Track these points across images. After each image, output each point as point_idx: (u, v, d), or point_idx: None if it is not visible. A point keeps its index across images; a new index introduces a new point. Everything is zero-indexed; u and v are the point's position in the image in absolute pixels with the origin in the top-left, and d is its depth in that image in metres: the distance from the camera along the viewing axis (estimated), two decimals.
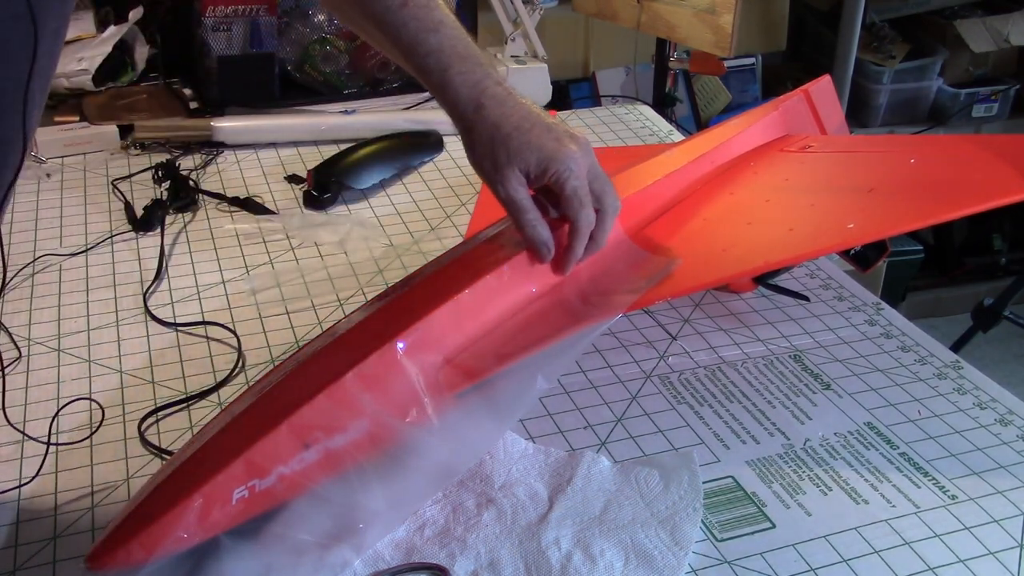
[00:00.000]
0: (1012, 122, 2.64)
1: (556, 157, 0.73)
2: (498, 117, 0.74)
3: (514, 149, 0.73)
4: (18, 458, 0.77)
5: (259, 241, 1.11)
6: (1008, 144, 0.94)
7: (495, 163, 0.74)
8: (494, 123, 0.73)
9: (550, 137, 0.74)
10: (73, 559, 0.68)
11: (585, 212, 0.75)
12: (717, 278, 0.88)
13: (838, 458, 0.78)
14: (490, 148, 0.74)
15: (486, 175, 0.75)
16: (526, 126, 0.73)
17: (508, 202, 0.75)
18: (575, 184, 0.74)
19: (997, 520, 0.71)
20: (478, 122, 0.74)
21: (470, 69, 0.75)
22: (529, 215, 0.75)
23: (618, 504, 0.71)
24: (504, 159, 0.73)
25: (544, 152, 0.73)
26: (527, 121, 0.74)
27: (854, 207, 0.89)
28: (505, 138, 0.73)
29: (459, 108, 0.75)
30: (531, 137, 0.73)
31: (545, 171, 0.73)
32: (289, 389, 0.65)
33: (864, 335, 0.94)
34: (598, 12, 2.02)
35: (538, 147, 0.73)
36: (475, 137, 0.75)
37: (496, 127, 0.73)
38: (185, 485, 0.59)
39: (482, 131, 0.74)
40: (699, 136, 1.11)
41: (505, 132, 0.73)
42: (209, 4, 1.42)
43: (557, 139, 0.74)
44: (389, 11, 0.74)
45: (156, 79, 1.52)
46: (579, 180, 0.74)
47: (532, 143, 0.73)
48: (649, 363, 0.90)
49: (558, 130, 0.75)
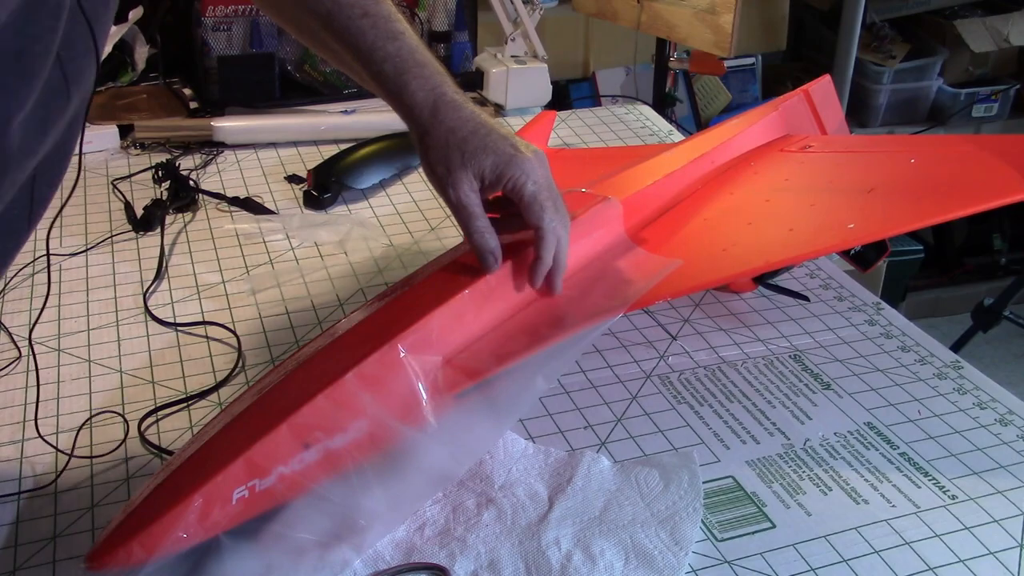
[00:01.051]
0: (1012, 122, 2.64)
1: (512, 162, 0.72)
2: (454, 121, 0.72)
3: (469, 152, 0.72)
4: (18, 457, 0.77)
5: (259, 241, 1.11)
6: (1008, 144, 0.94)
7: (448, 166, 0.72)
8: (450, 127, 0.72)
9: (506, 143, 0.72)
10: (73, 559, 0.68)
11: (548, 216, 0.73)
12: (717, 278, 0.88)
13: (838, 458, 0.78)
14: (444, 152, 0.72)
15: (438, 179, 0.74)
16: (482, 132, 0.72)
17: (457, 207, 0.73)
18: (533, 189, 0.72)
19: (997, 520, 0.71)
20: (434, 126, 0.73)
21: (427, 75, 0.74)
22: (478, 222, 0.73)
23: (618, 504, 0.71)
24: (458, 162, 0.72)
25: (500, 157, 0.72)
26: (483, 128, 0.73)
27: (854, 207, 0.89)
28: (460, 141, 0.72)
29: (415, 112, 0.74)
30: (487, 142, 0.72)
31: (500, 176, 0.72)
32: (289, 389, 0.65)
33: (864, 335, 0.94)
34: (598, 12, 2.02)
35: (494, 151, 0.72)
36: (430, 141, 0.73)
37: (451, 131, 0.72)
38: (185, 485, 0.59)
39: (437, 135, 0.73)
40: (699, 136, 1.11)
41: (461, 136, 0.72)
42: (209, 4, 1.42)
43: (513, 146, 0.72)
44: (351, 20, 0.74)
45: (156, 79, 1.52)
46: (537, 185, 0.72)
47: (488, 147, 0.72)
48: (649, 363, 0.90)
49: (514, 139, 0.73)
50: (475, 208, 0.73)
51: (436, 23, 1.61)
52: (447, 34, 1.62)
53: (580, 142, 1.41)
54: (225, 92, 1.46)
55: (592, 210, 0.86)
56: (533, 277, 0.75)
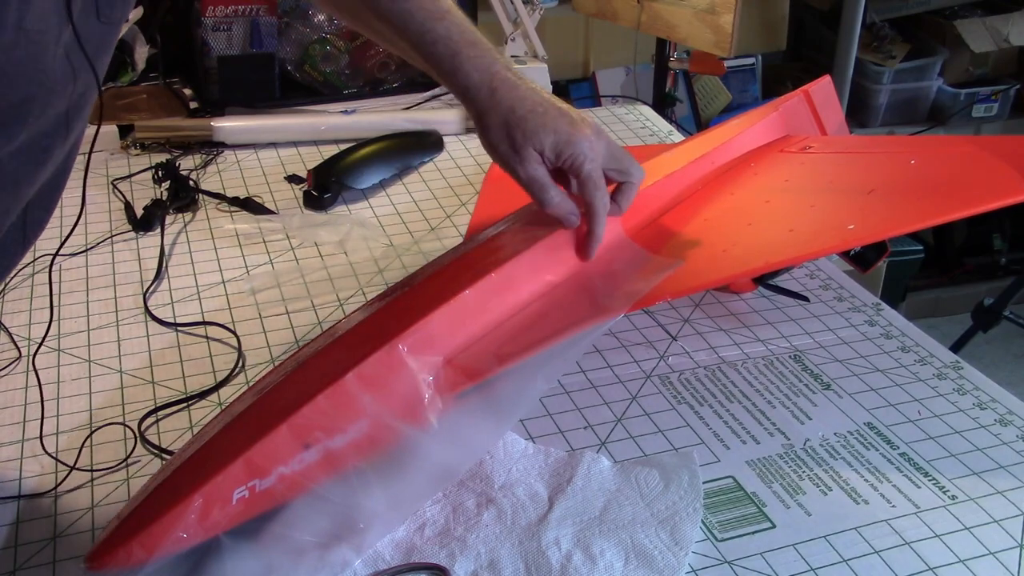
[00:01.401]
0: (1012, 122, 2.64)
1: (571, 140, 0.74)
2: (512, 100, 0.75)
3: (530, 131, 0.74)
4: (18, 458, 0.77)
5: (259, 241, 1.11)
6: (1008, 144, 0.94)
7: (513, 144, 0.75)
8: (509, 106, 0.75)
9: (564, 121, 0.75)
10: (73, 559, 0.68)
11: (600, 194, 0.76)
12: (717, 278, 0.88)
13: (838, 458, 0.78)
14: (505, 131, 0.75)
15: (502, 157, 0.76)
16: (540, 109, 0.75)
17: (529, 181, 0.76)
18: (590, 168, 0.75)
19: (997, 520, 0.71)
20: (492, 106, 0.75)
21: (480, 54, 0.76)
22: (551, 192, 0.76)
23: (618, 504, 0.71)
24: (521, 140, 0.74)
25: (560, 135, 0.74)
26: (541, 105, 0.75)
27: (854, 208, 0.89)
28: (520, 120, 0.74)
29: (471, 92, 0.76)
30: (547, 120, 0.74)
31: (560, 154, 0.75)
32: (289, 389, 0.65)
33: (864, 335, 0.94)
34: (598, 12, 2.02)
35: (553, 129, 0.74)
36: (489, 121, 0.76)
37: (511, 110, 0.74)
38: (185, 485, 0.59)
39: (496, 114, 0.75)
40: (699, 136, 1.11)
41: (520, 115, 0.74)
42: (209, 4, 1.42)
43: (571, 123, 0.75)
44: (395, 3, 0.75)
45: (156, 79, 1.52)
46: (593, 163, 0.75)
47: (548, 125, 0.74)
48: (649, 363, 0.90)
49: (571, 114, 0.76)
50: (546, 180, 0.76)
51: None
52: None
53: None
54: (225, 92, 1.46)
55: None
56: (587, 250, 0.80)
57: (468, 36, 0.76)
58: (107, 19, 0.64)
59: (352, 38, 1.53)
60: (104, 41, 0.65)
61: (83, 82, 0.63)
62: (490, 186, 1.12)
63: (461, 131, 1.42)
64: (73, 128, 0.66)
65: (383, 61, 1.55)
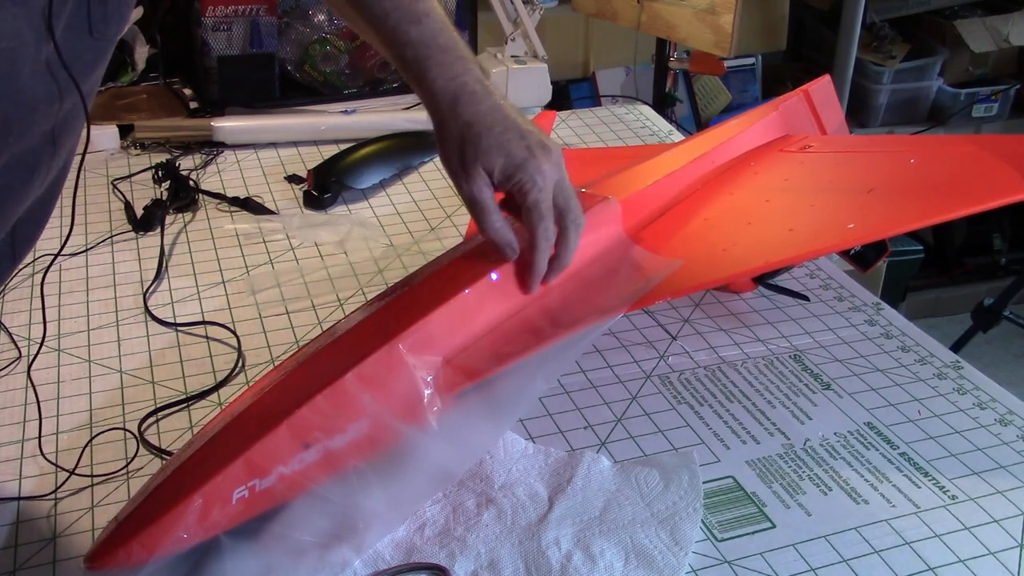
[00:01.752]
0: (1012, 122, 2.64)
1: (522, 165, 0.71)
2: (472, 115, 0.72)
3: (482, 149, 0.71)
4: (18, 457, 0.77)
5: (259, 241, 1.11)
6: (1008, 144, 0.94)
7: (463, 160, 0.72)
8: (467, 120, 0.72)
9: (521, 144, 0.71)
10: (73, 559, 0.68)
11: (545, 225, 0.73)
12: (717, 278, 0.88)
13: (838, 458, 0.78)
14: (459, 145, 0.72)
15: (452, 172, 0.74)
16: (499, 128, 0.71)
17: (471, 201, 0.73)
18: (537, 196, 0.72)
19: (997, 520, 0.71)
20: (451, 117, 0.72)
21: (450, 62, 0.73)
22: (492, 216, 0.73)
23: (618, 504, 0.71)
24: (471, 157, 0.72)
25: (512, 158, 0.71)
26: (500, 124, 0.72)
27: (854, 207, 0.89)
28: (475, 136, 0.71)
29: (434, 100, 0.73)
30: (502, 140, 0.71)
31: (510, 177, 0.72)
32: (289, 389, 0.65)
33: (864, 335, 0.94)
34: (598, 12, 2.02)
35: (507, 152, 0.71)
36: (446, 132, 0.73)
37: (468, 124, 0.72)
38: (185, 485, 0.59)
39: (454, 127, 0.72)
40: (699, 136, 1.11)
41: (476, 131, 0.71)
42: (209, 4, 1.42)
43: (528, 147, 0.72)
44: (375, 2, 0.73)
45: (156, 79, 1.52)
46: (542, 192, 0.72)
47: (502, 146, 0.71)
48: (649, 363, 0.90)
49: (531, 138, 0.72)
50: (488, 203, 0.73)
51: None
52: None
53: (580, 142, 1.41)
54: (225, 92, 1.46)
55: (591, 210, 0.86)
56: (528, 282, 0.75)
57: (442, 42, 0.73)
58: (100, 35, 0.63)
59: (352, 38, 1.53)
60: (96, 57, 0.64)
61: (70, 100, 0.62)
62: None
63: None
64: (62, 145, 0.65)
65: (383, 61, 1.55)
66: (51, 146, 0.63)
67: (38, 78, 0.58)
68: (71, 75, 0.60)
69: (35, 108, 0.59)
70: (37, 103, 0.59)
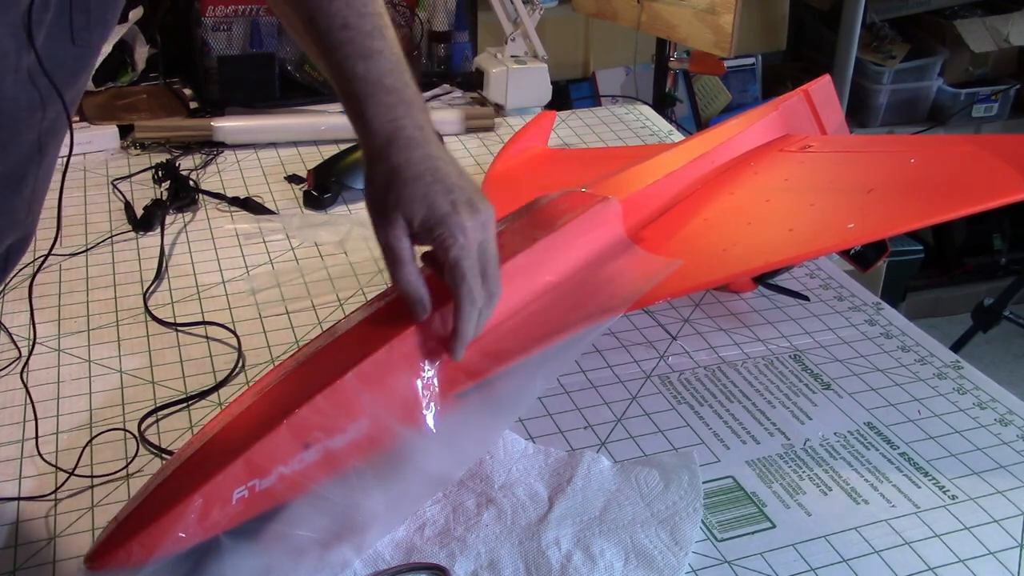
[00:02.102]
0: (1012, 122, 2.64)
1: (444, 220, 0.66)
2: (402, 161, 0.68)
3: (406, 196, 0.67)
4: (18, 457, 0.77)
5: (259, 241, 1.11)
6: (1008, 144, 0.94)
7: (384, 205, 0.68)
8: (395, 165, 0.68)
9: (447, 198, 0.67)
10: (73, 559, 0.68)
11: (468, 287, 0.67)
12: (717, 278, 0.88)
13: (838, 458, 0.78)
14: (383, 189, 0.68)
15: (372, 216, 0.69)
16: (428, 178, 0.67)
17: (386, 249, 0.68)
18: (458, 254, 0.66)
19: (997, 520, 0.71)
20: (381, 159, 0.69)
21: (391, 103, 0.69)
22: (404, 268, 0.68)
23: (618, 504, 0.71)
24: (393, 203, 0.68)
25: (434, 211, 0.66)
26: (430, 174, 0.68)
27: (854, 207, 0.89)
28: (401, 183, 0.67)
29: (368, 140, 0.69)
30: (428, 191, 0.67)
31: (430, 230, 0.67)
32: (289, 389, 0.65)
33: (864, 335, 0.94)
34: (598, 12, 2.02)
35: (430, 203, 0.67)
36: (374, 174, 0.69)
37: (396, 170, 0.68)
38: (185, 485, 0.59)
39: (381, 171, 0.68)
40: (699, 136, 1.11)
41: (403, 177, 0.67)
42: (209, 4, 1.42)
43: (453, 202, 0.67)
44: (329, 32, 0.70)
45: (156, 79, 1.52)
46: (463, 251, 0.66)
47: (426, 197, 0.67)
48: (649, 363, 0.90)
49: (459, 193, 0.68)
50: (403, 253, 0.68)
51: (436, 23, 1.61)
52: (447, 34, 1.62)
53: (580, 142, 1.41)
54: (225, 92, 1.46)
55: (591, 210, 0.86)
56: (451, 346, 0.69)
57: (388, 82, 0.70)
58: (83, 42, 0.62)
59: None
60: (79, 65, 0.63)
61: (54, 108, 0.62)
62: (490, 186, 1.12)
63: (461, 131, 1.42)
64: (47, 153, 0.64)
65: None
66: (38, 154, 0.63)
67: (20, 87, 0.58)
68: (53, 84, 0.59)
69: (18, 117, 0.59)
70: (19, 112, 0.59)
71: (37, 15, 0.57)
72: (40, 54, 0.58)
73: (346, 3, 0.69)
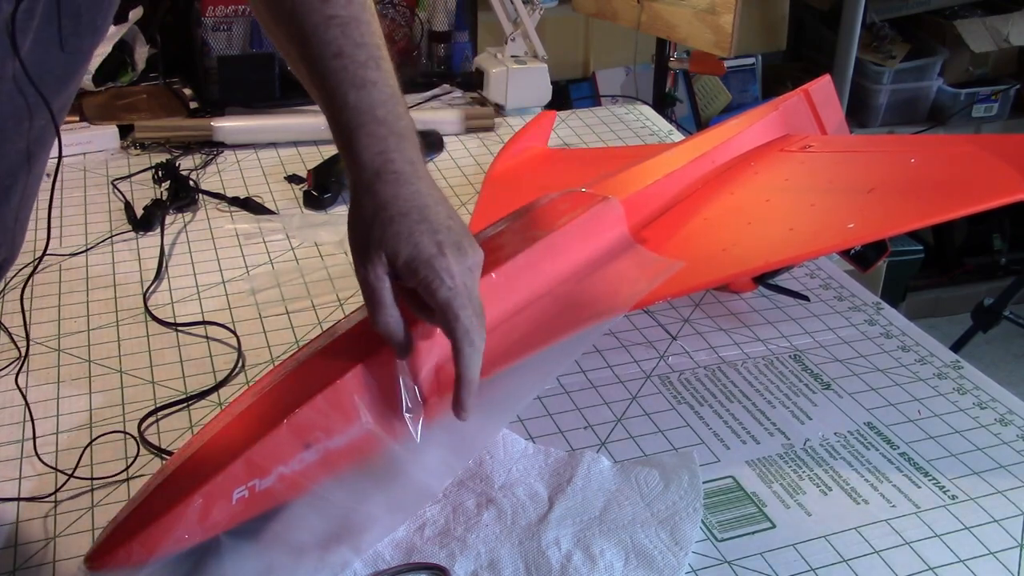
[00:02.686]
0: (1012, 122, 2.64)
1: (430, 262, 0.63)
2: (389, 196, 0.65)
3: (390, 236, 0.64)
4: (18, 457, 0.77)
5: (259, 241, 1.11)
6: (1008, 144, 0.94)
7: (367, 241, 0.65)
8: (382, 200, 0.65)
9: (432, 239, 0.64)
10: (73, 559, 0.68)
11: (462, 326, 0.63)
12: (717, 278, 0.88)
13: (838, 458, 0.78)
14: (368, 225, 0.65)
15: (355, 251, 0.66)
16: (414, 217, 0.64)
17: (365, 287, 0.65)
18: (447, 295, 0.63)
19: (997, 520, 0.71)
20: (367, 193, 0.65)
21: (382, 136, 0.66)
22: (386, 310, 0.65)
23: (618, 504, 0.71)
24: (377, 240, 0.64)
25: (419, 251, 0.63)
26: (417, 212, 0.64)
27: (854, 207, 0.89)
28: (386, 220, 0.64)
29: (355, 172, 0.66)
30: (413, 230, 0.64)
31: (414, 272, 0.63)
32: (289, 389, 0.65)
33: (864, 335, 0.94)
34: (598, 12, 2.02)
35: (414, 243, 0.63)
36: (359, 207, 0.66)
37: (382, 206, 0.64)
38: (185, 485, 0.59)
39: (368, 204, 0.65)
40: (699, 136, 1.11)
41: (388, 214, 0.64)
42: (209, 4, 1.42)
43: (439, 243, 0.64)
44: (322, 59, 0.67)
45: (156, 79, 1.52)
46: (452, 291, 0.63)
47: (411, 237, 0.63)
48: (649, 363, 0.90)
49: (446, 235, 0.64)
50: (383, 294, 0.65)
51: (436, 23, 1.61)
52: (447, 34, 1.62)
53: (580, 142, 1.41)
54: (225, 92, 1.46)
55: (592, 210, 0.86)
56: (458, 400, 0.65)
57: (380, 114, 0.67)
58: (73, 49, 0.61)
59: None
60: (69, 72, 0.62)
61: (42, 116, 0.61)
62: (490, 186, 1.12)
63: (461, 131, 1.42)
64: (36, 162, 0.64)
65: None
66: (26, 164, 0.62)
67: (5, 96, 0.57)
68: (39, 91, 0.59)
69: (4, 127, 0.59)
70: (5, 121, 0.59)
71: (21, 22, 0.56)
72: (26, 61, 0.57)
73: (342, 32, 0.67)
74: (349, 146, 0.67)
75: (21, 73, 0.57)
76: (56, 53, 0.60)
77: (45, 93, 0.60)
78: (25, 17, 0.56)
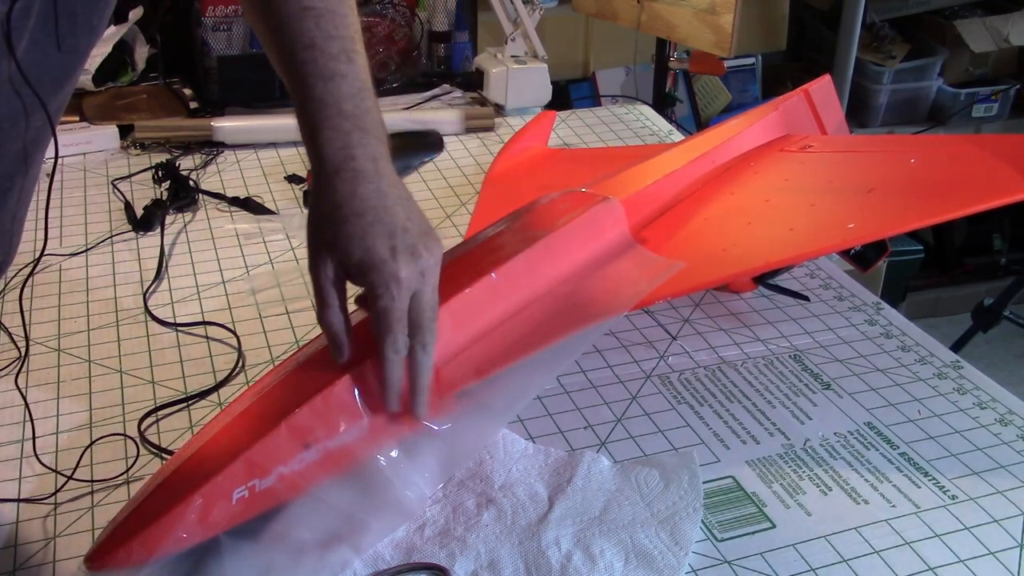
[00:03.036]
0: (1012, 122, 2.64)
1: (378, 267, 0.63)
2: (346, 195, 0.63)
3: (343, 236, 0.63)
4: (18, 457, 0.77)
5: (259, 241, 1.11)
6: (1008, 144, 0.94)
7: (320, 240, 0.64)
8: (339, 199, 0.64)
9: (386, 243, 0.63)
10: (73, 559, 0.68)
11: (390, 338, 0.63)
12: (717, 278, 0.88)
13: (838, 458, 0.78)
14: (322, 223, 0.64)
15: (308, 247, 0.66)
16: (370, 218, 0.63)
17: (314, 287, 0.65)
18: (386, 305, 0.63)
19: (997, 520, 0.71)
20: (326, 190, 0.64)
21: (347, 130, 0.65)
22: (330, 311, 0.65)
23: (618, 504, 0.71)
24: (329, 239, 0.64)
25: (370, 255, 0.63)
26: (373, 213, 0.63)
27: (854, 207, 0.89)
28: (341, 219, 0.63)
29: (317, 167, 0.65)
30: (367, 232, 0.63)
31: (364, 275, 0.63)
32: (289, 389, 0.65)
33: (864, 335, 0.94)
34: (598, 12, 2.02)
35: (367, 247, 0.63)
36: (317, 203, 0.65)
37: (338, 203, 0.63)
38: (185, 485, 0.59)
39: (326, 200, 0.64)
40: (699, 136, 1.11)
41: (343, 213, 0.63)
42: (209, 4, 1.42)
43: (393, 248, 0.63)
44: (294, 51, 0.67)
45: (156, 79, 1.52)
46: (393, 302, 0.63)
47: (364, 239, 0.63)
48: (649, 363, 0.90)
49: (400, 238, 0.63)
50: (329, 296, 0.65)
51: (436, 23, 1.61)
52: (447, 34, 1.62)
53: (580, 142, 1.41)
54: (225, 92, 1.46)
55: (592, 210, 0.86)
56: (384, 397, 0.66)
57: (347, 107, 0.65)
58: (70, 48, 0.60)
59: None
60: (66, 72, 0.62)
61: (38, 117, 0.60)
62: (490, 186, 1.13)
63: (461, 131, 1.42)
64: (33, 163, 0.64)
65: (383, 61, 1.55)
66: (23, 164, 0.62)
67: (1, 97, 0.57)
68: (35, 92, 0.58)
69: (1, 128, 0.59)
70: (1, 122, 0.58)
71: (16, 22, 0.55)
72: (23, 62, 0.57)
73: (316, 23, 0.66)
74: (313, 139, 0.66)
75: (17, 74, 0.57)
76: (53, 53, 0.60)
77: (42, 93, 0.59)
78: (21, 16, 0.56)
